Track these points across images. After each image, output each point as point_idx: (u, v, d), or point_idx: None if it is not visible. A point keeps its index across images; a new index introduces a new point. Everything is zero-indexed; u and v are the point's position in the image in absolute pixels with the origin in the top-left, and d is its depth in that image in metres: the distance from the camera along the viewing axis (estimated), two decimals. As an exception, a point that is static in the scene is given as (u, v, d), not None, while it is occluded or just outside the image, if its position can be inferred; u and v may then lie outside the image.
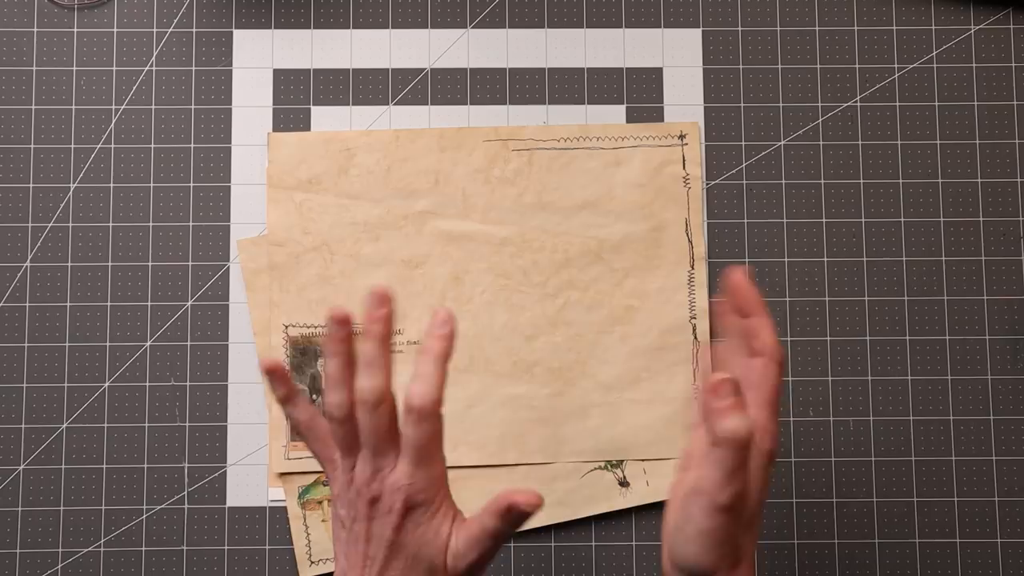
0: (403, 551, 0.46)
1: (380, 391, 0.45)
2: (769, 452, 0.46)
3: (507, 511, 0.46)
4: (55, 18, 0.67)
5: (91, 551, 0.63)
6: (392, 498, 0.46)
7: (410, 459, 0.46)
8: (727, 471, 0.42)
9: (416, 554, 0.46)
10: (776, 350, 0.47)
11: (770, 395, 0.47)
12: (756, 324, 0.48)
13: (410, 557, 0.46)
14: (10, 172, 0.65)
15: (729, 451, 0.42)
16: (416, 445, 0.45)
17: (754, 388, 0.47)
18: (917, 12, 0.67)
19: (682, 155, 0.65)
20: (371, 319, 0.46)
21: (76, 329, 0.64)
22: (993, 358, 0.65)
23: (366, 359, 0.46)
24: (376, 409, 0.45)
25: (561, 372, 0.64)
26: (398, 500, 0.46)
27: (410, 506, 0.46)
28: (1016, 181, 0.66)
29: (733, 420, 0.42)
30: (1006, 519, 0.64)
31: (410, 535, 0.46)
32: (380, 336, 0.46)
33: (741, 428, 0.42)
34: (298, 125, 0.66)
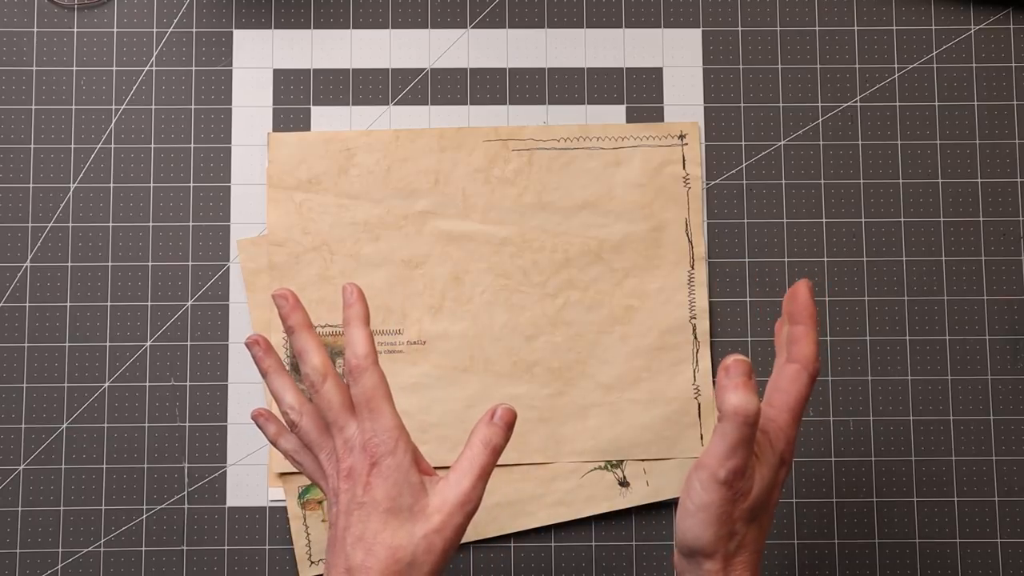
0: (375, 507, 0.48)
1: (320, 367, 0.50)
2: (783, 454, 0.47)
3: (492, 415, 0.51)
4: (55, 18, 0.67)
5: (91, 551, 0.63)
6: (357, 460, 0.49)
7: (359, 416, 0.49)
8: (729, 445, 0.44)
9: (390, 507, 0.48)
10: (810, 361, 0.48)
11: (794, 401, 0.47)
12: (800, 332, 0.48)
13: (383, 511, 0.48)
14: (10, 172, 0.65)
15: (733, 425, 0.43)
16: (361, 401, 0.49)
17: (782, 392, 0.48)
18: (917, 12, 0.67)
19: (682, 155, 0.65)
20: (284, 318, 0.51)
21: (76, 329, 0.64)
22: (993, 358, 0.65)
23: (297, 349, 0.50)
24: (324, 384, 0.50)
25: (561, 372, 0.64)
26: (361, 460, 0.48)
27: (373, 461, 0.48)
28: (1016, 181, 0.66)
29: (739, 395, 0.43)
30: (1006, 519, 0.64)
31: (379, 490, 0.48)
32: (299, 326, 0.51)
33: (746, 403, 0.43)
34: (298, 125, 0.66)
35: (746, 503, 0.45)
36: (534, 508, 0.63)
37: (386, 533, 0.47)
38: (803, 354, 0.48)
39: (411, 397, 0.63)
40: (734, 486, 0.44)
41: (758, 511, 0.46)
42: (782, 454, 0.47)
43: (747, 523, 0.46)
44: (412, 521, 0.48)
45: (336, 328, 0.64)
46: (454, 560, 0.63)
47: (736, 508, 0.45)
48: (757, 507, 0.46)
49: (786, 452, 0.47)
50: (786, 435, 0.47)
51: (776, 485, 0.47)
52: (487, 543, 0.63)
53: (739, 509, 0.45)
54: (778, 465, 0.47)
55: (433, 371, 0.63)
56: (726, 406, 0.44)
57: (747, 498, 0.45)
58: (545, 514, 0.63)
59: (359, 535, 0.48)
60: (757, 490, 0.46)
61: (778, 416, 0.47)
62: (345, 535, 0.48)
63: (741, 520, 0.45)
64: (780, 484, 0.48)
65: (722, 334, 0.65)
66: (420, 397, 0.63)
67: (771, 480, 0.46)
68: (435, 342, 0.64)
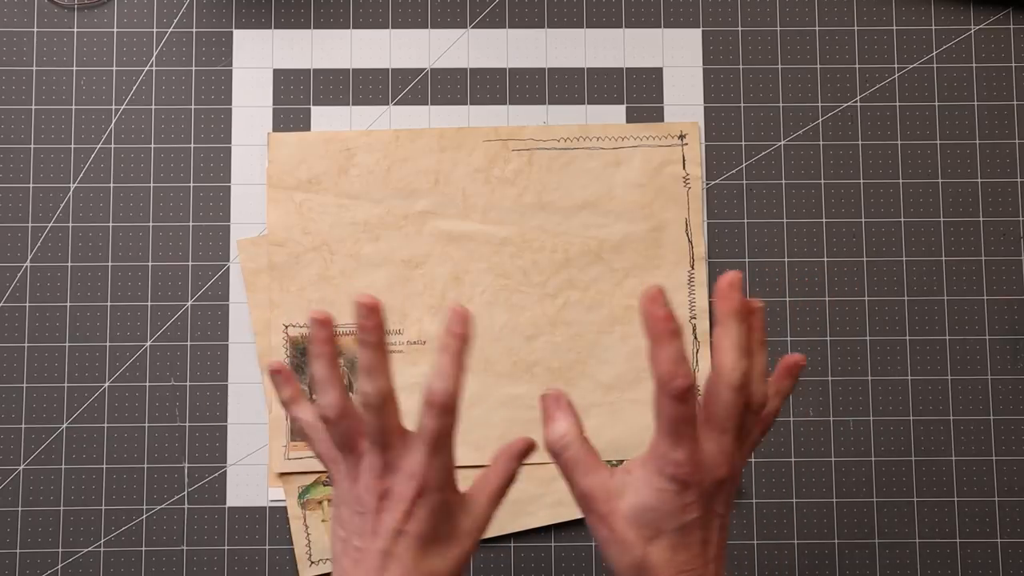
0: (412, 539, 0.46)
1: (384, 393, 0.47)
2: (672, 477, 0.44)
3: (523, 451, 0.50)
4: (55, 18, 0.67)
5: (91, 551, 0.63)
6: (404, 487, 0.46)
7: (425, 450, 0.46)
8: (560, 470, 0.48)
9: (432, 537, 0.47)
10: (664, 380, 0.43)
11: (667, 426, 0.44)
12: (652, 352, 0.44)
13: (425, 541, 0.47)
14: (10, 172, 0.65)
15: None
16: (432, 437, 0.46)
17: (656, 416, 0.45)
18: (917, 12, 0.67)
19: (682, 155, 0.65)
20: (364, 329, 0.47)
21: (76, 329, 0.64)
22: (993, 358, 0.65)
23: (366, 365, 0.47)
24: (382, 410, 0.47)
25: (561, 372, 0.64)
26: (410, 488, 0.46)
27: (421, 494, 0.46)
28: (1016, 181, 0.66)
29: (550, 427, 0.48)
30: (1006, 519, 0.64)
31: (421, 523, 0.46)
32: (376, 344, 0.47)
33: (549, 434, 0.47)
34: (298, 125, 0.66)
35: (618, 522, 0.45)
36: (534, 508, 0.63)
37: (426, 561, 0.47)
38: (656, 374, 0.44)
39: (411, 397, 0.63)
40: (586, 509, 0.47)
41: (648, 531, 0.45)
42: (675, 478, 0.44)
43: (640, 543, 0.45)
44: (448, 545, 0.47)
45: (336, 328, 0.64)
46: (454, 560, 0.63)
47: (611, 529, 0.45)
48: (644, 526, 0.45)
49: (680, 475, 0.44)
50: (671, 460, 0.44)
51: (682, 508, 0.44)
52: (487, 543, 0.63)
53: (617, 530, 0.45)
54: (676, 490, 0.44)
55: (433, 371, 0.63)
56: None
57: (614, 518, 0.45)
58: (545, 514, 0.63)
59: (399, 558, 0.46)
60: (632, 511, 0.45)
61: (659, 442, 0.44)
62: (381, 557, 0.46)
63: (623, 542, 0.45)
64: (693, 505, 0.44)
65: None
66: (420, 397, 0.63)
67: (665, 504, 0.44)
68: (435, 342, 0.64)
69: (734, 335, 0.44)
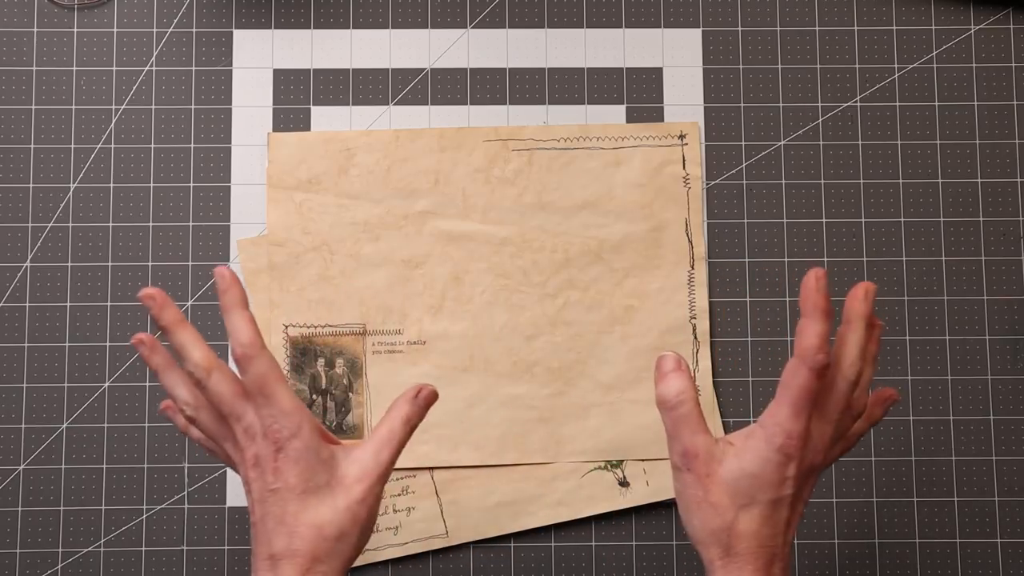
0: (290, 491, 0.47)
1: (202, 361, 0.48)
2: (781, 447, 0.46)
3: (416, 395, 0.51)
4: (55, 18, 0.67)
5: (91, 551, 0.63)
6: (261, 447, 0.48)
7: (255, 403, 0.48)
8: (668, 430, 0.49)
9: (305, 488, 0.47)
10: (809, 353, 0.45)
11: (795, 395, 0.46)
12: (801, 325, 0.46)
13: (299, 493, 0.47)
14: (10, 172, 0.65)
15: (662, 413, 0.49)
16: (254, 388, 0.47)
17: (783, 386, 0.47)
18: (917, 12, 0.67)
19: (682, 155, 0.65)
20: (156, 318, 0.49)
21: (76, 329, 0.64)
22: (993, 358, 0.65)
23: (178, 345, 0.49)
24: (210, 376, 0.48)
25: (561, 372, 0.64)
26: (265, 446, 0.47)
27: (278, 446, 0.47)
28: (1016, 181, 0.66)
29: (661, 385, 0.49)
30: (1006, 519, 0.64)
31: (290, 474, 0.47)
32: (173, 323, 0.49)
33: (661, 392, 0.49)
34: (298, 125, 0.66)
35: (715, 485, 0.46)
36: (534, 508, 0.63)
37: (307, 513, 0.47)
38: (801, 346, 0.46)
39: (411, 397, 0.63)
40: (685, 467, 0.47)
41: (742, 498, 0.46)
42: (780, 447, 0.46)
43: (732, 509, 0.46)
44: (332, 495, 0.47)
45: (336, 328, 0.64)
46: (454, 560, 0.63)
47: (706, 491, 0.46)
48: (740, 493, 0.46)
49: (783, 444, 0.46)
50: (785, 430, 0.46)
51: (781, 481, 0.46)
52: (487, 543, 0.63)
53: (712, 492, 0.46)
54: (780, 461, 0.46)
55: (433, 371, 0.63)
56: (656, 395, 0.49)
57: (712, 480, 0.46)
58: (545, 514, 0.63)
59: (279, 519, 0.47)
60: (731, 475, 0.46)
61: (777, 411, 0.46)
62: (265, 521, 0.47)
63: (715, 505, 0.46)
64: (791, 481, 0.46)
65: (722, 334, 0.65)
66: None
67: (766, 473, 0.46)
68: (435, 342, 0.64)
69: (860, 337, 0.47)
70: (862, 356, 0.47)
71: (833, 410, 0.47)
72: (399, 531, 0.63)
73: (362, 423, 0.63)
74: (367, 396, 0.63)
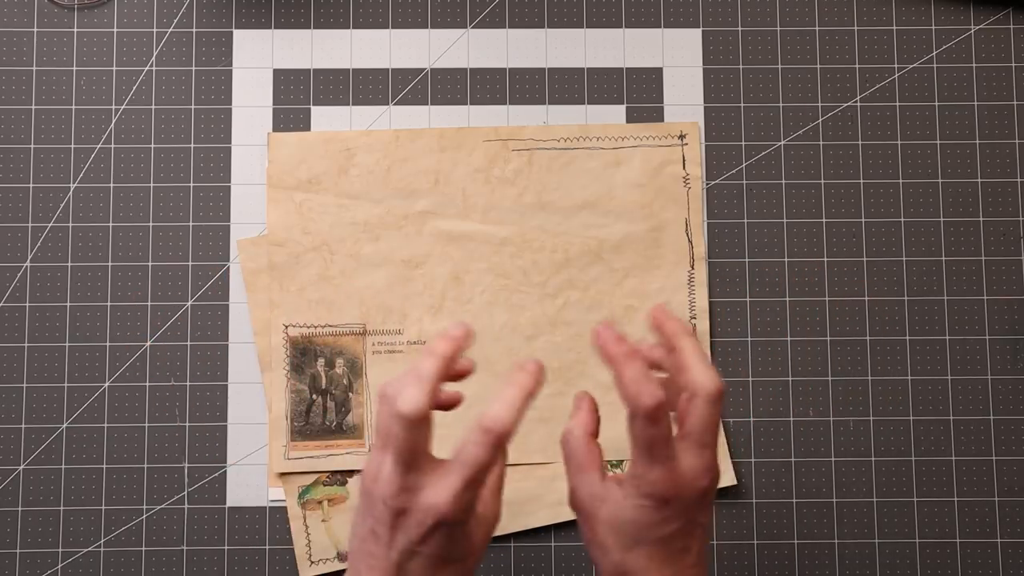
0: (426, 559, 0.44)
1: (421, 406, 0.43)
2: (650, 495, 0.44)
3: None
4: (55, 18, 0.67)
5: (91, 551, 0.63)
6: (423, 515, 0.43)
7: (461, 483, 0.43)
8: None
9: (441, 559, 0.45)
10: (633, 401, 0.43)
11: (643, 446, 0.43)
12: (615, 377, 0.44)
13: (433, 560, 0.45)
14: (10, 172, 0.65)
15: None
16: (474, 468, 0.43)
17: (632, 439, 0.44)
18: (917, 12, 0.67)
19: (682, 155, 0.65)
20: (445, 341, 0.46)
21: (76, 329, 0.64)
22: (993, 358, 0.65)
23: (421, 375, 0.45)
24: (414, 424, 0.43)
25: (561, 372, 0.64)
26: (429, 517, 0.43)
27: (439, 526, 0.43)
28: (1016, 181, 0.66)
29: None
30: (1006, 519, 0.64)
31: (436, 547, 0.44)
32: (443, 355, 0.45)
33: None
34: (298, 125, 0.66)
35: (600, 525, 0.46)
36: (534, 508, 0.63)
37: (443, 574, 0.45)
38: (624, 397, 0.43)
39: (411, 397, 0.63)
40: (572, 506, 0.47)
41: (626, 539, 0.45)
42: (652, 495, 0.44)
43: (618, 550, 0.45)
44: (463, 560, 0.46)
45: (336, 328, 0.64)
46: (454, 560, 0.63)
47: (592, 531, 0.46)
48: (623, 535, 0.45)
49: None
50: (648, 481, 0.43)
51: (662, 521, 0.44)
52: (487, 543, 0.63)
53: (598, 533, 0.45)
54: (654, 506, 0.44)
55: (433, 371, 0.63)
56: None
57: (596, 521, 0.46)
58: (545, 514, 0.63)
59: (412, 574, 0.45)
60: (612, 520, 0.45)
61: (636, 462, 0.44)
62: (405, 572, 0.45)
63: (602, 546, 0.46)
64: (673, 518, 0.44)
65: (722, 334, 0.65)
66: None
67: (643, 519, 0.44)
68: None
69: (697, 350, 0.45)
70: (707, 363, 0.45)
71: (705, 432, 0.44)
72: (399, 531, 0.63)
73: (362, 423, 0.63)
74: (367, 396, 0.63)
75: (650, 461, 0.43)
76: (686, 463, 0.44)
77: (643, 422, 0.42)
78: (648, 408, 0.42)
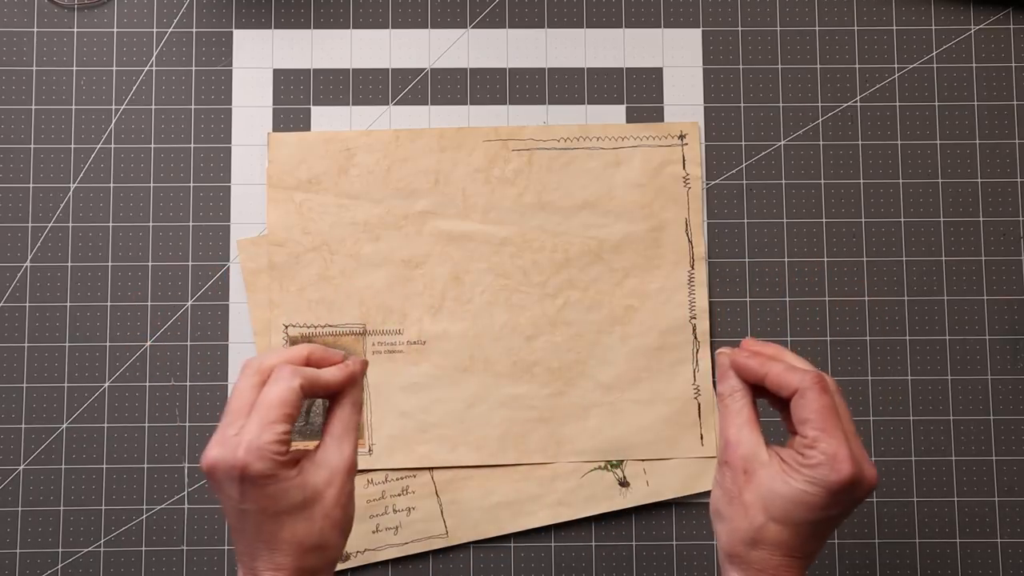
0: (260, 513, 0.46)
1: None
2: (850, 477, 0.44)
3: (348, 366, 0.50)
4: (55, 18, 0.67)
5: (91, 551, 0.63)
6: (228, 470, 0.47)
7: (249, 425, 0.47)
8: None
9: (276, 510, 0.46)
10: (801, 380, 0.46)
11: (820, 421, 0.45)
12: (774, 374, 0.47)
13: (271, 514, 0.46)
14: (10, 172, 0.65)
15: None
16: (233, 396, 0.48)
17: (807, 424, 0.45)
18: (917, 12, 0.67)
19: (682, 155, 0.65)
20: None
21: (76, 329, 0.64)
22: (993, 358, 0.65)
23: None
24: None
25: (561, 372, 0.64)
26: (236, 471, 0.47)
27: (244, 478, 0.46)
28: (1016, 181, 0.66)
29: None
30: (1006, 519, 0.64)
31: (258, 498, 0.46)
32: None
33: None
34: (298, 125, 0.66)
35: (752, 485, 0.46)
36: (534, 508, 0.63)
37: (284, 530, 0.46)
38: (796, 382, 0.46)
39: (411, 397, 0.63)
40: (725, 458, 0.48)
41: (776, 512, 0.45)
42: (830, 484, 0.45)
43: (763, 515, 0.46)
44: (306, 509, 0.46)
45: (336, 328, 0.64)
46: (454, 560, 0.63)
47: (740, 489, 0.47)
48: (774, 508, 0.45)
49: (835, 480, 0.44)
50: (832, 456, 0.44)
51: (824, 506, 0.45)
52: (487, 543, 0.63)
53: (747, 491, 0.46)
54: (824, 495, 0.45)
55: (433, 371, 0.63)
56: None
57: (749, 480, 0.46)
58: (545, 514, 0.63)
59: (255, 536, 0.46)
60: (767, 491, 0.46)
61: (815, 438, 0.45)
62: (243, 533, 0.46)
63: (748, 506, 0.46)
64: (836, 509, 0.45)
65: (722, 334, 0.65)
66: (420, 397, 0.63)
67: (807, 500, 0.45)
68: (435, 342, 0.64)
69: (788, 363, 0.48)
70: (801, 362, 0.48)
71: (821, 417, 0.45)
72: (399, 531, 0.63)
73: (362, 423, 0.63)
74: (367, 396, 0.63)
75: (822, 430, 0.44)
76: (824, 449, 0.45)
77: (813, 393, 0.45)
78: (814, 376, 0.45)
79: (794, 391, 0.46)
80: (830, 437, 0.44)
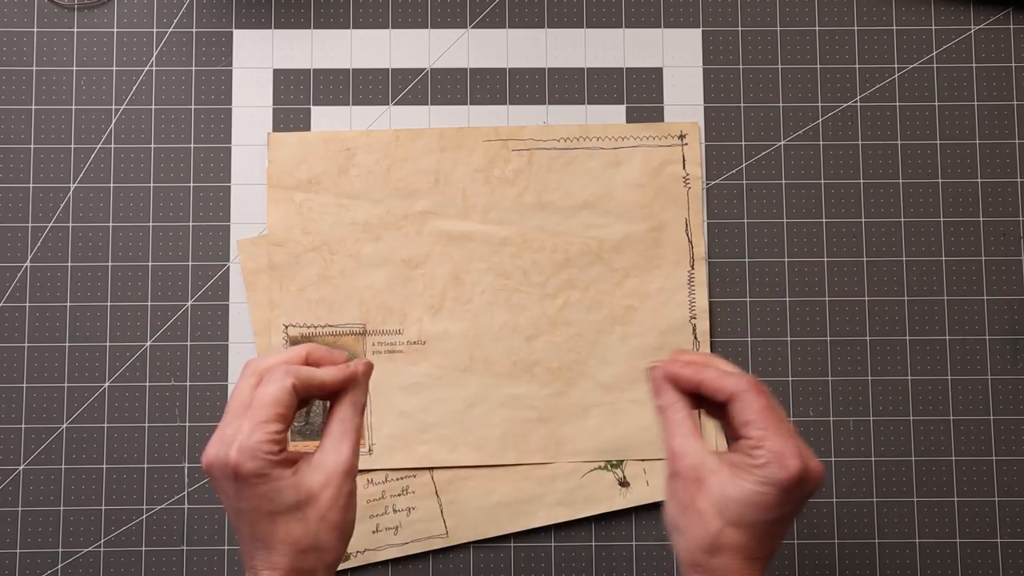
0: (255, 512, 0.46)
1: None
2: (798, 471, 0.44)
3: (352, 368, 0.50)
4: (55, 18, 0.67)
5: (91, 551, 0.63)
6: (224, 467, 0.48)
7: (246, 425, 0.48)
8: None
9: (271, 510, 0.46)
10: (736, 385, 0.46)
11: (761, 420, 0.45)
12: (709, 380, 0.47)
13: (266, 513, 0.46)
14: (10, 172, 0.65)
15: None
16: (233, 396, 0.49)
17: (750, 425, 0.46)
18: (917, 12, 0.67)
19: (682, 155, 0.65)
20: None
21: (76, 329, 0.64)
22: (993, 358, 0.65)
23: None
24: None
25: (561, 372, 0.64)
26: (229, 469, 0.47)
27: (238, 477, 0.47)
28: (1016, 181, 0.66)
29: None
30: (1006, 519, 0.64)
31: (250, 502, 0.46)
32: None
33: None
34: (298, 125, 0.66)
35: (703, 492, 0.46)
36: (534, 508, 0.63)
37: (279, 531, 0.46)
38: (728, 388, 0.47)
39: (411, 397, 0.63)
40: (673, 470, 0.48)
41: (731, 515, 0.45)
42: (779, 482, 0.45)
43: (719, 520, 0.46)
44: (302, 510, 0.46)
45: (336, 328, 0.64)
46: (454, 560, 0.63)
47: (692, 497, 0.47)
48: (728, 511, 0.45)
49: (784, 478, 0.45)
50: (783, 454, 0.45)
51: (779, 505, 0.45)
52: (487, 543, 0.63)
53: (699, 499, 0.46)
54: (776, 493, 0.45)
55: (433, 371, 0.63)
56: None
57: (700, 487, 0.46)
58: (545, 514, 0.63)
59: (251, 535, 0.46)
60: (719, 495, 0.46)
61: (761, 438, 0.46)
62: (240, 531, 0.47)
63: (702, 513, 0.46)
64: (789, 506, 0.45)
65: (722, 334, 0.65)
66: (420, 397, 0.63)
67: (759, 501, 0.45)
68: (435, 342, 0.64)
69: (719, 370, 0.48)
70: (732, 369, 0.49)
71: (761, 416, 0.46)
72: (399, 531, 0.63)
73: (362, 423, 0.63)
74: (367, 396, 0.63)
75: (765, 429, 0.45)
76: (771, 447, 0.45)
77: (751, 395, 0.46)
78: (750, 379, 0.46)
79: (730, 395, 0.46)
80: (775, 435, 0.45)
